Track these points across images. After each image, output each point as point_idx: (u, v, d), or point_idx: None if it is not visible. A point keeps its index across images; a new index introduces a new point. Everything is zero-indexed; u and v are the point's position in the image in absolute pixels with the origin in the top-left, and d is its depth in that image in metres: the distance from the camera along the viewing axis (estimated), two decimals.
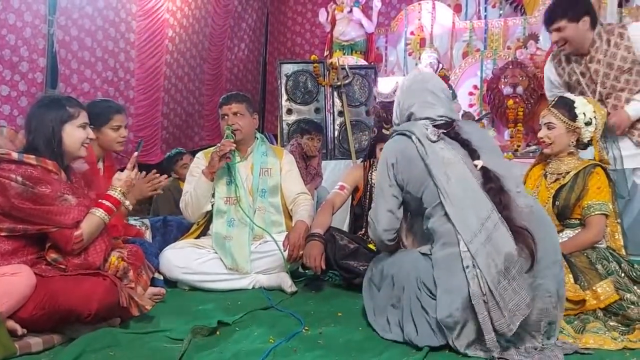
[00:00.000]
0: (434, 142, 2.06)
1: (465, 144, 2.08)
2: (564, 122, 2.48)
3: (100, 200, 2.18)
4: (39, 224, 2.03)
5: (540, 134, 2.56)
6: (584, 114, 2.48)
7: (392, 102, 3.04)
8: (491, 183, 1.97)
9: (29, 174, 2.02)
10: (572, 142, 2.52)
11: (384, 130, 2.95)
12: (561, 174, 2.51)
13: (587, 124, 2.49)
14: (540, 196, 2.55)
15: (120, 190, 2.23)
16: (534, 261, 1.85)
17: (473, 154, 2.06)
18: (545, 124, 2.53)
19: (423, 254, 2.05)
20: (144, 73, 5.68)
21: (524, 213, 1.93)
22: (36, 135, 2.11)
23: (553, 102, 2.57)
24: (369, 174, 3.04)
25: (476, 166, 2.03)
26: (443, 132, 2.10)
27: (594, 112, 2.50)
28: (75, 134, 2.17)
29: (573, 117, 2.48)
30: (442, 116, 2.15)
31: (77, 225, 2.07)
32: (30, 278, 1.94)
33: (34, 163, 2.05)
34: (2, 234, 2.02)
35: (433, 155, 2.03)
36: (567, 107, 2.50)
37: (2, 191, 1.99)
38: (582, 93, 2.93)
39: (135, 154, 2.42)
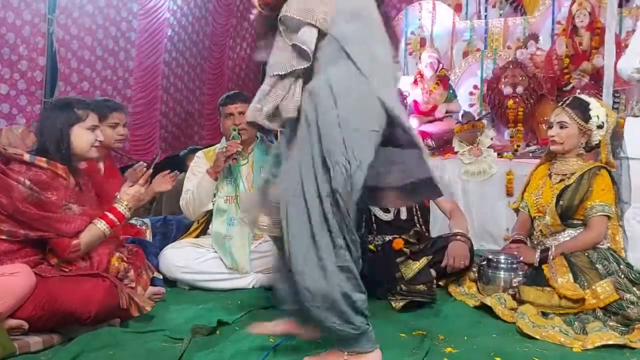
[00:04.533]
0: None
1: None
2: (577, 122, 2.45)
3: (105, 213, 2.20)
4: (40, 230, 2.03)
5: (551, 132, 2.51)
6: (597, 116, 2.45)
7: None
8: None
9: (38, 177, 2.03)
10: (582, 144, 2.50)
11: None
12: (566, 174, 2.50)
13: (599, 127, 2.47)
14: (544, 195, 2.54)
15: (126, 205, 2.24)
16: None
17: None
18: (557, 122, 2.49)
19: None
20: (142, 72, 5.67)
21: None
22: (46, 137, 2.13)
23: (567, 101, 2.52)
24: None
25: None
26: None
27: (606, 115, 2.48)
28: (83, 136, 2.18)
29: (587, 118, 2.45)
30: None
31: (77, 235, 2.07)
32: (30, 278, 1.93)
33: (44, 166, 2.06)
34: (2, 236, 2.01)
35: None
36: (581, 108, 2.47)
37: (7, 192, 1.99)
38: None
39: (149, 171, 2.46)
